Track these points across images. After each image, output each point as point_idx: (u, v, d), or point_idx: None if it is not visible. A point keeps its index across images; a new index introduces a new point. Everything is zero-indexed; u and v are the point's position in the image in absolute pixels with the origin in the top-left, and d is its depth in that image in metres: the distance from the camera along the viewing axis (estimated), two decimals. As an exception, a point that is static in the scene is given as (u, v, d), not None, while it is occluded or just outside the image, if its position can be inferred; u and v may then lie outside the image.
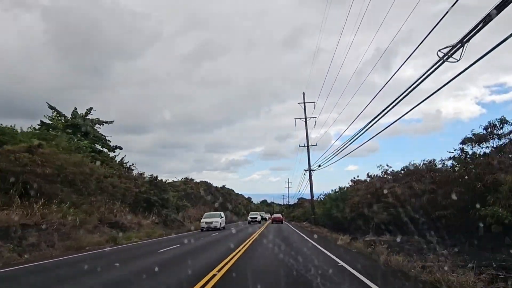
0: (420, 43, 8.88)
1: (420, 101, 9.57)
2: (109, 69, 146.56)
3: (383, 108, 11.91)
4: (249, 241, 17.81)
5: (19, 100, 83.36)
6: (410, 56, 10.03)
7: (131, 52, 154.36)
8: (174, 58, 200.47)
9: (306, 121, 40.17)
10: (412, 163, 21.70)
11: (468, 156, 16.25)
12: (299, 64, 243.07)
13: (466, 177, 14.48)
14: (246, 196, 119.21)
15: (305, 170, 40.32)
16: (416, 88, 9.27)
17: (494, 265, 9.19)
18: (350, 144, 19.26)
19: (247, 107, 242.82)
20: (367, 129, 14.87)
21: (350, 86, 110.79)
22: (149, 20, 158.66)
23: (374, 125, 13.97)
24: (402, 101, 10.38)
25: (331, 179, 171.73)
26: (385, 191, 19.61)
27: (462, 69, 7.21)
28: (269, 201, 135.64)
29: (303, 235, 24.48)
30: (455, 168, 16.85)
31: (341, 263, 10.00)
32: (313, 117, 41.62)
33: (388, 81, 12.32)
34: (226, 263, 9.89)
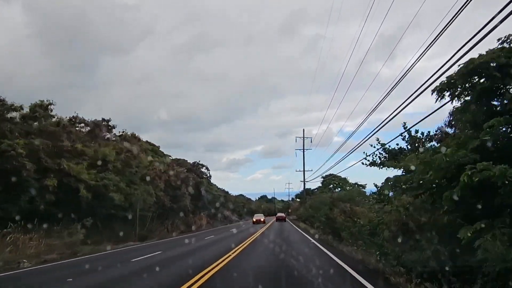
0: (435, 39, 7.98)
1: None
2: (99, 65, 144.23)
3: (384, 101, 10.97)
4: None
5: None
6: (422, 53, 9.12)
7: (123, 47, 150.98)
8: (168, 53, 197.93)
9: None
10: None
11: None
12: (299, 57, 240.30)
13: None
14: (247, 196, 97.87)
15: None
16: (416, 79, 8.43)
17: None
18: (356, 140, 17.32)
19: (246, 104, 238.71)
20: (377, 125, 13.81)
21: (349, 81, 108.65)
22: (141, 13, 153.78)
23: (379, 119, 12.81)
24: (403, 95, 9.52)
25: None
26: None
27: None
28: (269, 197, 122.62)
29: None
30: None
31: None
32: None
33: (401, 77, 10.94)
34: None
